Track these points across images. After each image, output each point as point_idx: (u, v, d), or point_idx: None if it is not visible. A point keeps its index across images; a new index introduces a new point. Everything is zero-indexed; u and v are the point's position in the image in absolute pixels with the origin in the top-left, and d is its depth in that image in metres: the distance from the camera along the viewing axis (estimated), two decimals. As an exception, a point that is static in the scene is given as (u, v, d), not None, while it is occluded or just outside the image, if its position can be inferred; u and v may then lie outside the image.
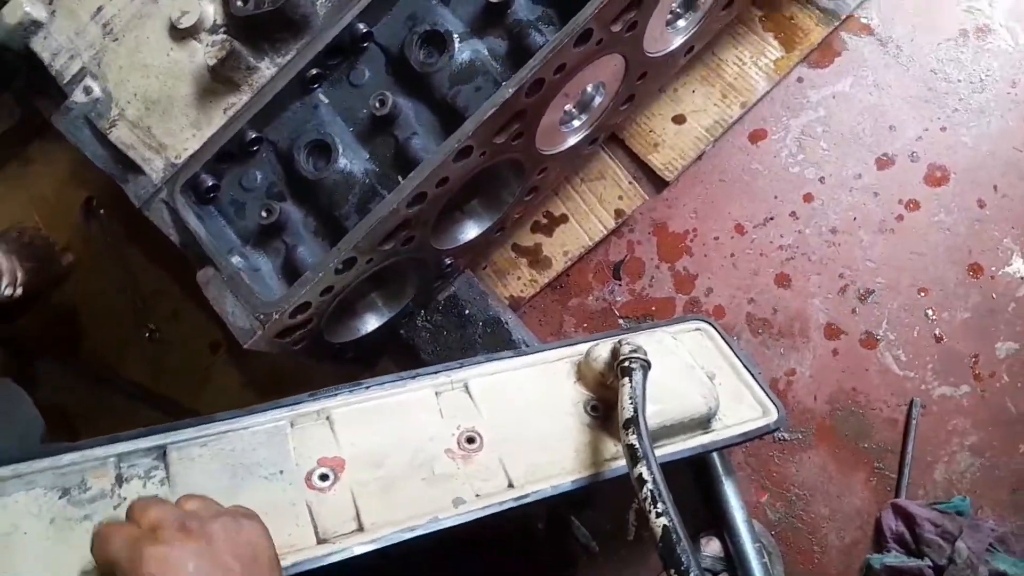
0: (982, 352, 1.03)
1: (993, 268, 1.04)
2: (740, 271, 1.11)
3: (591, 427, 0.79)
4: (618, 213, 1.14)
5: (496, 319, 0.98)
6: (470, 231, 0.93)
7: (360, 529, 0.67)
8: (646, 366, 0.74)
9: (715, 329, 0.94)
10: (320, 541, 0.66)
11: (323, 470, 0.70)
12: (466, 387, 0.80)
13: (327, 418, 0.74)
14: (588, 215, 1.15)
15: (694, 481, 1.04)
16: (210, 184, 0.81)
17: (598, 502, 1.09)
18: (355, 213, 0.78)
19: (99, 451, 0.66)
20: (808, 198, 1.11)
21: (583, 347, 0.85)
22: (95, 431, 1.34)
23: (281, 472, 0.69)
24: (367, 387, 0.77)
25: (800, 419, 1.05)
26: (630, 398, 0.70)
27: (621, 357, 0.74)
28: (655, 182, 1.15)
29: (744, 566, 0.97)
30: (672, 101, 1.15)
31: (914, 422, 1.02)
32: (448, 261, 0.94)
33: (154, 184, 0.82)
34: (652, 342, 0.84)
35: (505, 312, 1.02)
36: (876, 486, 1.03)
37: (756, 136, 1.13)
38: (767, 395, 0.88)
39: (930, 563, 0.96)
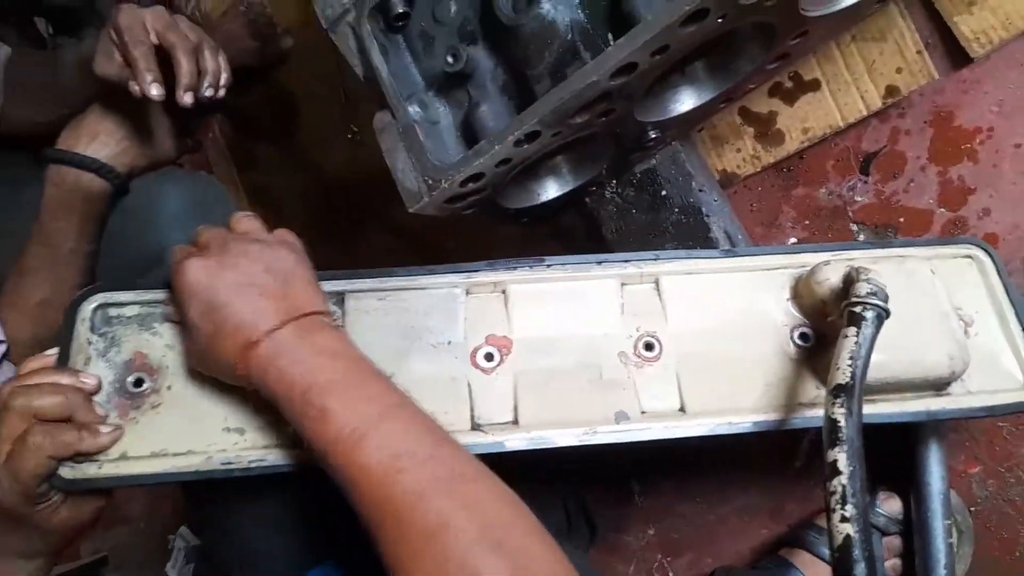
0: None
1: None
2: (1039, 196, 0.84)
3: (794, 360, 0.68)
4: (890, 91, 0.89)
5: (696, 208, 0.84)
6: (686, 101, 0.76)
7: (515, 423, 0.65)
8: (882, 316, 0.58)
9: (993, 262, 0.73)
10: (474, 427, 0.64)
11: (490, 349, 0.67)
12: (656, 283, 0.71)
13: (503, 292, 0.70)
14: (849, 86, 0.91)
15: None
16: (400, 11, 0.71)
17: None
18: (548, 76, 0.65)
19: None
20: None
21: (809, 259, 0.71)
22: (292, 216, 1.41)
23: (449, 343, 0.67)
24: (549, 265, 0.70)
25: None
26: (850, 358, 0.56)
27: (853, 298, 0.59)
28: (954, 56, 0.86)
29: (925, 540, 0.84)
30: (1015, -59, 0.82)
31: None
32: (653, 134, 0.79)
33: (343, 3, 0.73)
34: (900, 273, 0.67)
35: (709, 200, 0.86)
36: None
37: None
38: None
39: None
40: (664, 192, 0.86)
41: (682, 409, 0.66)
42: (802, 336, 0.69)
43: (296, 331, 0.53)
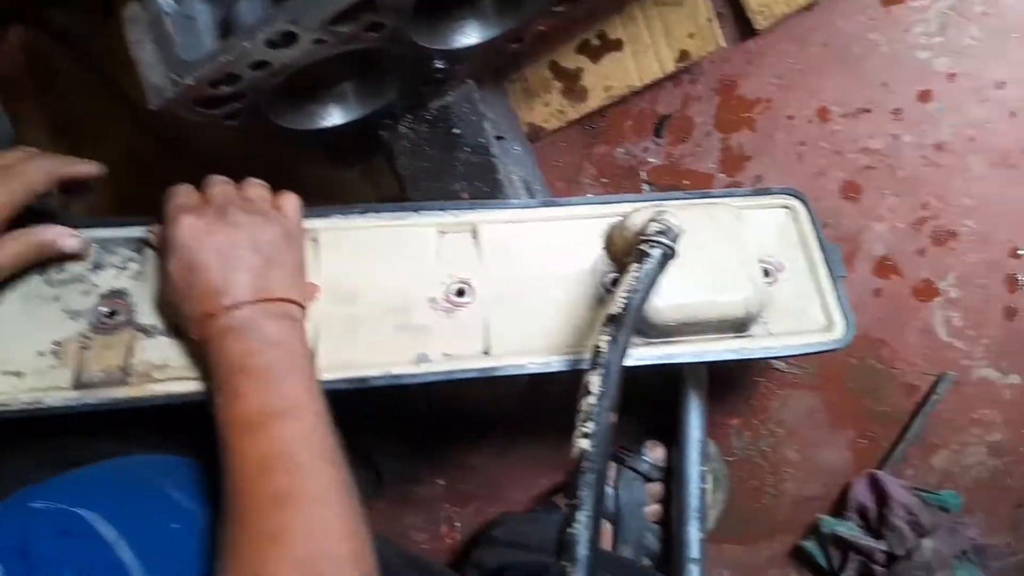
0: (1058, 346, 0.83)
1: (1123, 252, 0.81)
2: (804, 166, 0.90)
3: (603, 305, 0.67)
4: (683, 55, 0.92)
5: (485, 148, 0.83)
6: (470, 35, 0.75)
7: None
8: (668, 254, 0.59)
9: (808, 211, 0.75)
10: None
11: None
12: (474, 231, 0.71)
13: (313, 239, 0.68)
14: (647, 49, 0.93)
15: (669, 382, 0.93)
16: None
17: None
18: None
19: (84, 233, 0.65)
20: (925, 96, 0.86)
21: (625, 208, 0.71)
22: (98, 149, 1.29)
23: None
24: (363, 212, 0.70)
25: (810, 360, 0.90)
26: (627, 291, 0.56)
27: (642, 237, 0.60)
28: (742, 27, 0.90)
29: (680, 485, 0.88)
30: (798, -77, 0.87)
31: (936, 397, 0.86)
32: (440, 65, 0.77)
33: None
34: (705, 218, 0.69)
35: (509, 147, 0.86)
36: (862, 451, 0.90)
37: (891, -2, 0.86)
38: (841, 306, 0.71)
39: (885, 548, 0.85)
40: (457, 130, 0.84)
41: (486, 352, 0.66)
42: (613, 282, 0.69)
43: (254, 313, 0.54)
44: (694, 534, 0.88)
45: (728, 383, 0.94)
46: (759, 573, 0.93)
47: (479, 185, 0.84)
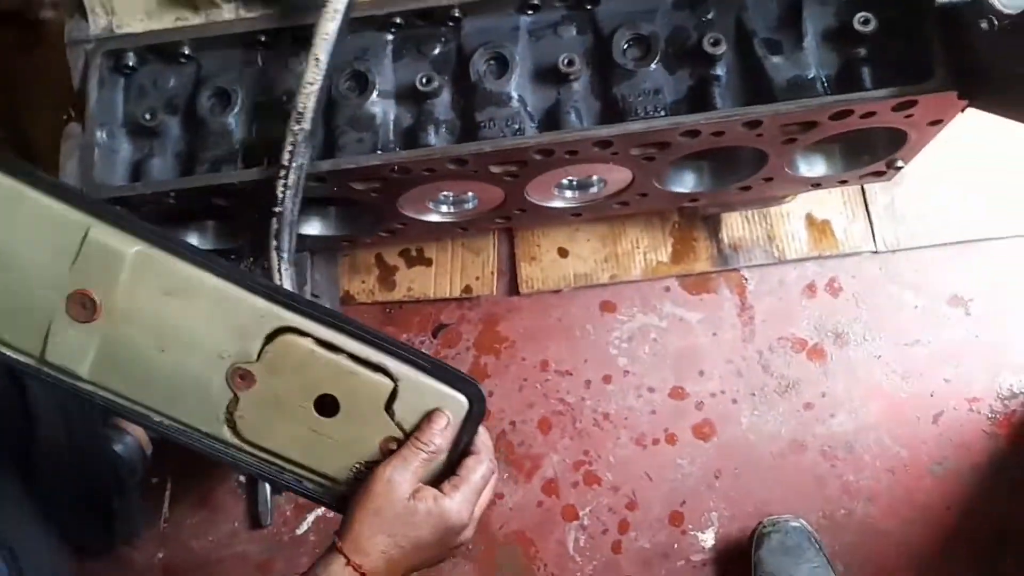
0: (636, 581, 1.17)
1: (690, 525, 1.17)
2: (522, 396, 1.23)
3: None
4: (467, 289, 1.26)
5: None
6: (312, 228, 1.04)
7: None
8: None
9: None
10: None
11: None
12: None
13: None
14: (445, 275, 1.27)
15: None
16: (131, 64, 0.91)
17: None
18: (209, 166, 0.88)
19: None
20: (607, 379, 1.23)
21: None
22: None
23: None
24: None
25: (479, 537, 1.19)
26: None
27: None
28: (512, 286, 1.27)
29: None
30: (568, 236, 1.27)
31: (550, 593, 1.16)
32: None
33: (87, 36, 0.92)
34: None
35: (318, 299, 1.13)
36: (491, 619, 1.17)
37: (607, 307, 1.25)
38: None
39: None
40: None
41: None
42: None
43: None
44: None
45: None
46: None
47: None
